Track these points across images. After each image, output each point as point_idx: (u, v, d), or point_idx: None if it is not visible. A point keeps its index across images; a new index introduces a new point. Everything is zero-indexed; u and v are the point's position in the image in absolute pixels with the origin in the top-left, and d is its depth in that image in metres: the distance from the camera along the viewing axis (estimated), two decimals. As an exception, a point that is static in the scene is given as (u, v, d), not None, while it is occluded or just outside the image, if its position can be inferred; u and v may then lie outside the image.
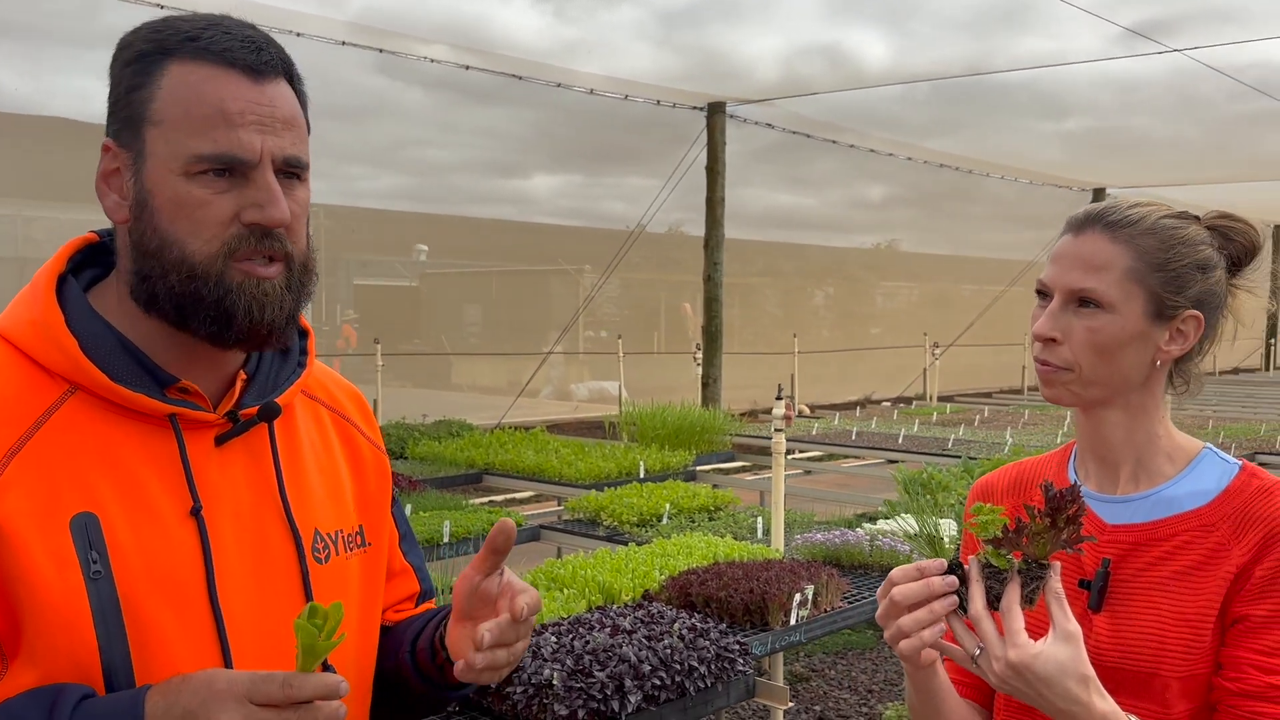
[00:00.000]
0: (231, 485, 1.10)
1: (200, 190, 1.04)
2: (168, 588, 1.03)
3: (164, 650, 1.02)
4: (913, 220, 17.39)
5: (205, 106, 1.04)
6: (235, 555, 1.08)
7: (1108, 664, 1.28)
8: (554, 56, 8.92)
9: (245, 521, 1.10)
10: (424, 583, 1.39)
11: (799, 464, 7.03)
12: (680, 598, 2.97)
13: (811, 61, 9.73)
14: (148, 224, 1.06)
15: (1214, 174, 13.75)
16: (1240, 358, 20.83)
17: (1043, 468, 1.48)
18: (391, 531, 1.33)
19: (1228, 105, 10.30)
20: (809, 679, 5.23)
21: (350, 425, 1.29)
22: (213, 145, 1.04)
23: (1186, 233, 1.33)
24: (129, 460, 1.04)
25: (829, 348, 15.41)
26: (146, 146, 1.05)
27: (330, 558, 1.17)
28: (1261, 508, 1.27)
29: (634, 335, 12.63)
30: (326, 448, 1.24)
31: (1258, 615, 1.23)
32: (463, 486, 5.55)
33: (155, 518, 1.04)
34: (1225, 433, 7.59)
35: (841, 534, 3.69)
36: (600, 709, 2.22)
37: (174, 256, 1.05)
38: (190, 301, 1.05)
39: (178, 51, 1.05)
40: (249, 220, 1.06)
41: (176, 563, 1.04)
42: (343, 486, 1.23)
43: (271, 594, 1.10)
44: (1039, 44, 9.02)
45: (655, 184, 11.12)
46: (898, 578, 1.20)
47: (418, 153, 13.58)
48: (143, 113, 1.05)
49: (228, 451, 1.11)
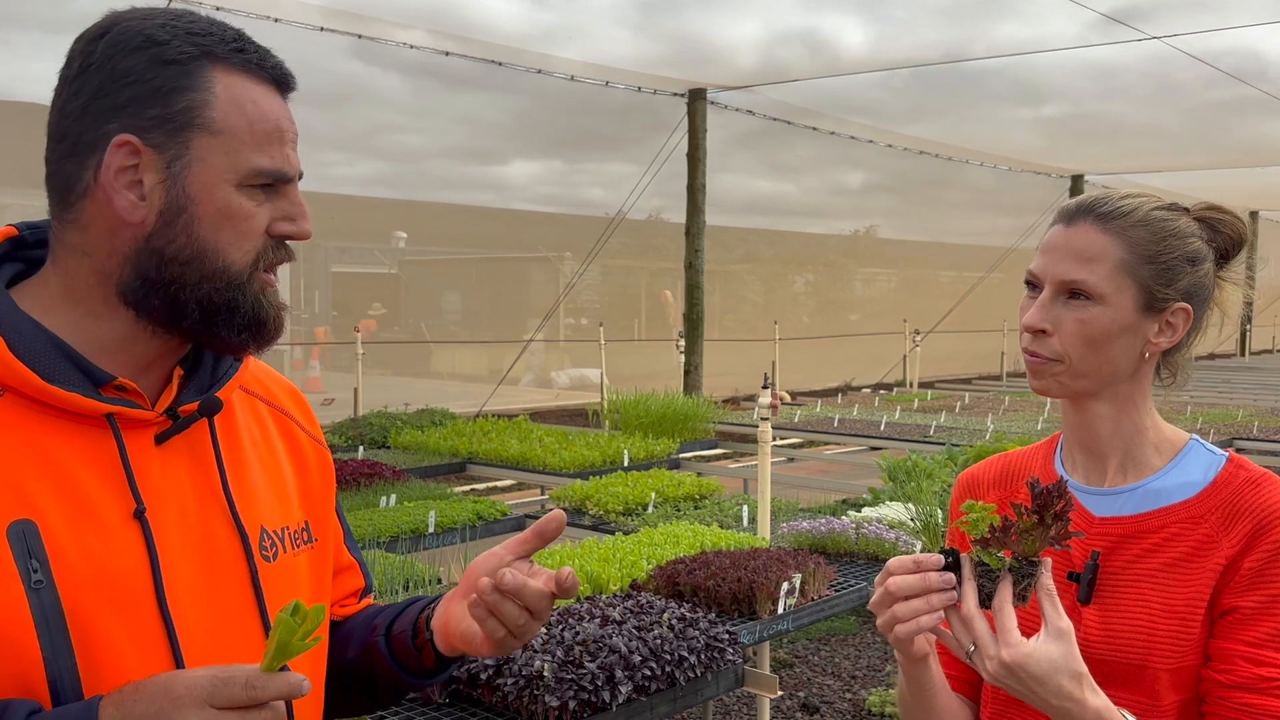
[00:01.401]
0: (174, 485, 1.07)
1: (248, 203, 1.05)
2: (114, 594, 0.99)
3: (113, 659, 0.98)
4: (891, 207, 17.45)
5: (266, 122, 1.06)
6: (182, 557, 1.05)
7: (1097, 656, 1.28)
8: (533, 42, 8.86)
9: (190, 522, 1.07)
10: (367, 579, 1.39)
11: (782, 451, 7.05)
12: (668, 587, 2.97)
13: (791, 47, 9.73)
14: (181, 231, 1.03)
15: (1191, 160, 13.86)
16: (1215, 344, 21.05)
17: (1029, 459, 1.48)
18: (336, 528, 1.31)
19: (1205, 92, 10.38)
20: (793, 665, 5.26)
21: (290, 420, 1.27)
22: (271, 161, 1.06)
23: (1177, 225, 1.33)
24: (66, 463, 1.00)
25: (809, 334, 15.45)
26: (194, 152, 1.03)
27: (278, 555, 1.15)
28: (1250, 499, 1.28)
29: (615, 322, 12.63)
30: (268, 443, 1.22)
31: (1247, 607, 1.24)
32: (446, 476, 5.53)
33: (97, 522, 1.00)
34: (1204, 419, 7.67)
35: (827, 522, 3.70)
36: (591, 700, 2.22)
37: (214, 266, 1.04)
38: (225, 310, 1.06)
39: (224, 60, 1.05)
40: (278, 232, 1.08)
41: (122, 568, 1.00)
42: (286, 482, 1.21)
43: (221, 596, 1.07)
44: (1017, 30, 9.05)
45: (636, 170, 11.09)
46: (895, 568, 1.19)
47: (395, 139, 13.49)
48: (193, 118, 1.03)
49: (169, 450, 1.08)
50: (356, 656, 1.28)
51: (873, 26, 9.55)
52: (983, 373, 15.45)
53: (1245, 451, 6.84)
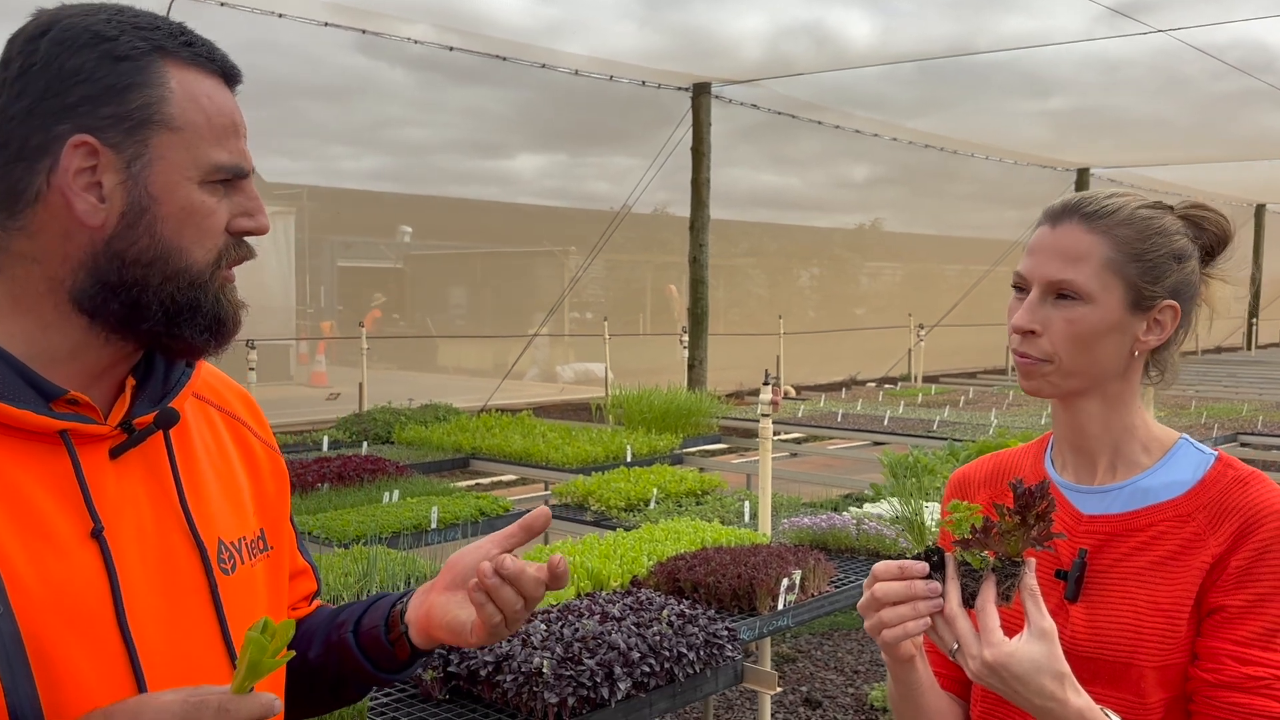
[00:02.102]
0: (131, 501, 1.03)
1: (209, 199, 1.03)
2: (73, 618, 0.96)
3: (74, 685, 0.95)
4: (897, 200, 17.42)
5: (223, 117, 1.04)
6: (141, 576, 1.01)
7: (1084, 654, 1.29)
8: (538, 36, 8.86)
9: (148, 538, 1.03)
10: (318, 582, 1.38)
11: (785, 446, 7.05)
12: (669, 584, 2.98)
13: (796, 41, 9.71)
14: (145, 232, 1.00)
15: (1198, 153, 13.82)
16: (1222, 337, 20.99)
17: (1020, 459, 1.49)
18: (290, 533, 1.29)
19: (1211, 85, 10.34)
20: (795, 660, 5.27)
21: (242, 426, 1.24)
22: (230, 156, 1.03)
23: (1162, 223, 1.34)
24: (18, 483, 0.96)
25: (814, 328, 15.45)
26: (154, 150, 1.00)
27: (236, 567, 1.12)
28: (1237, 498, 1.28)
29: (620, 317, 12.64)
30: (222, 451, 1.19)
31: (1234, 605, 1.24)
32: (450, 471, 5.54)
33: (54, 543, 0.96)
34: (1208, 413, 7.64)
35: (828, 518, 3.71)
36: (590, 696, 2.23)
37: (177, 265, 1.02)
38: (188, 310, 1.03)
39: (175, 54, 1.02)
40: (237, 228, 1.05)
41: (81, 590, 0.97)
42: (241, 491, 1.18)
43: (181, 613, 1.05)
44: (1023, 23, 9.03)
45: (640, 164, 11.09)
46: (880, 574, 1.20)
47: (400, 132, 13.49)
48: (151, 115, 1.00)
49: (123, 464, 1.04)
50: (319, 656, 1.27)
51: (878, 19, 9.54)
52: (987, 367, 15.43)
53: (1249, 446, 6.82)
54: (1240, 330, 20.32)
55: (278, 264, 12.29)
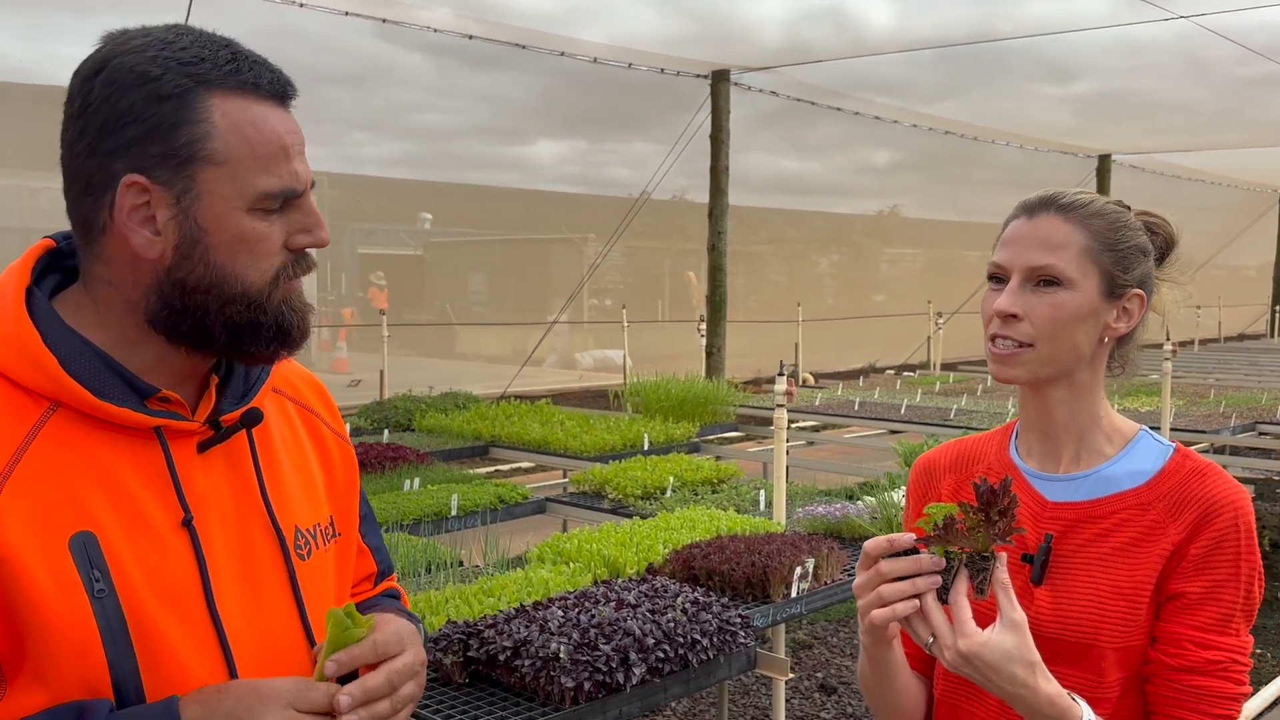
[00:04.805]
0: (216, 492, 1.12)
1: (261, 224, 1.07)
2: (169, 600, 1.04)
3: (173, 662, 1.03)
4: (917, 186, 17.30)
5: (269, 145, 1.06)
6: (226, 562, 1.10)
7: (1047, 635, 1.35)
8: (556, 23, 8.86)
9: (231, 527, 1.12)
10: (381, 563, 1.43)
11: (801, 434, 7.08)
12: (683, 571, 3.03)
13: (815, 26, 9.66)
14: (199, 261, 1.06)
15: (1222, 139, 13.67)
16: (1246, 323, 20.79)
17: (985, 445, 1.54)
18: (356, 518, 1.36)
19: (1236, 69, 10.22)
20: (811, 646, 5.32)
21: (315, 417, 1.31)
22: (279, 181, 1.07)
23: (1128, 218, 1.42)
24: (118, 475, 1.05)
25: (833, 315, 15.42)
26: (200, 185, 1.04)
27: (311, 553, 1.20)
28: (1196, 489, 1.34)
29: (638, 304, 12.63)
30: (296, 443, 1.26)
31: (1194, 592, 1.31)
32: (469, 459, 5.61)
33: (150, 531, 1.05)
34: (1226, 401, 7.60)
35: (842, 507, 3.74)
36: (605, 681, 2.29)
37: (234, 290, 1.07)
38: (249, 329, 1.09)
39: (219, 84, 1.05)
40: (297, 245, 1.10)
41: (175, 575, 1.05)
42: (314, 480, 1.26)
43: (263, 596, 1.13)
44: (1045, 7, 8.94)
45: (660, 150, 11.08)
46: (872, 549, 1.25)
47: (420, 118, 13.51)
48: (195, 151, 1.04)
49: (209, 458, 1.12)
50: None
51: (898, 4, 9.45)
52: (1008, 354, 15.30)
53: (1267, 435, 6.79)
54: (1263, 318, 20.13)
55: (299, 251, 12.35)
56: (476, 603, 2.67)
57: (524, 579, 2.88)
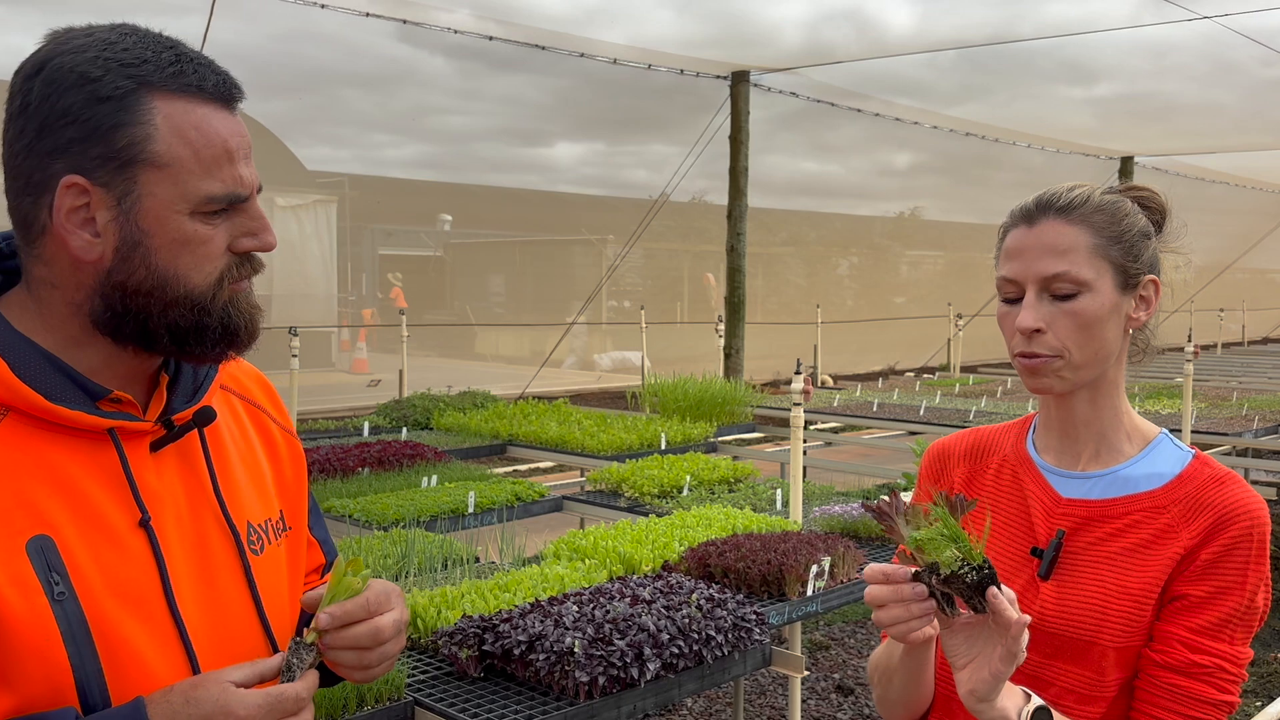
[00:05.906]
0: (170, 491, 1.12)
1: (203, 228, 1.06)
2: (130, 601, 1.04)
3: (136, 662, 1.04)
4: (938, 188, 17.23)
5: (212, 148, 1.05)
6: (182, 560, 1.10)
7: (1050, 629, 1.34)
8: (576, 25, 8.89)
9: (186, 525, 1.12)
10: (329, 554, 1.44)
11: (819, 435, 7.06)
12: (699, 568, 3.03)
13: (836, 27, 9.65)
14: (140, 264, 1.05)
15: (1247, 141, 13.54)
16: (1271, 327, 20.58)
17: (1000, 436, 1.53)
18: (304, 513, 1.36)
19: (1261, 70, 10.12)
20: (828, 647, 5.30)
21: (262, 413, 1.32)
22: (222, 186, 1.06)
23: (1125, 205, 1.39)
24: (73, 478, 1.04)
25: (853, 318, 15.38)
26: (141, 188, 1.03)
27: (264, 548, 1.21)
28: (1213, 495, 1.33)
29: (657, 305, 12.66)
30: (245, 439, 1.26)
31: (1196, 595, 1.30)
32: (487, 457, 5.62)
33: (108, 533, 1.05)
34: (1249, 405, 7.51)
35: (859, 506, 3.74)
36: (620, 676, 2.29)
37: (177, 293, 1.06)
38: (194, 332, 1.08)
39: (162, 86, 1.03)
40: (240, 249, 1.10)
41: (134, 575, 1.05)
42: (264, 476, 1.26)
43: (220, 592, 1.14)
44: (1067, 9, 8.89)
45: (679, 152, 11.09)
46: (868, 576, 1.24)
47: (441, 120, 13.59)
48: (136, 154, 1.02)
49: (162, 457, 1.12)
50: None
51: (918, 5, 9.42)
52: (1028, 357, 15.22)
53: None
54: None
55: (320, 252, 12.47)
56: (492, 598, 2.68)
57: (539, 575, 2.88)
